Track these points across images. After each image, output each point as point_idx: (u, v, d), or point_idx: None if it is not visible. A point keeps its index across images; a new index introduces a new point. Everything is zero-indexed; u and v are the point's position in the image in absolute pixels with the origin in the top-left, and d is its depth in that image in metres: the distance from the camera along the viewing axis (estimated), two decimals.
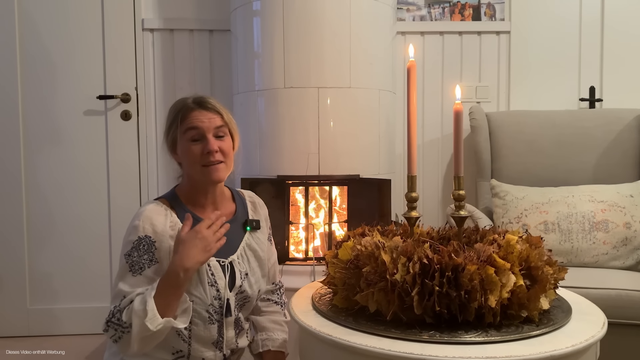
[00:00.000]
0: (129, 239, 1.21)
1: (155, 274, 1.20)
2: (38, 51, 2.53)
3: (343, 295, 1.14)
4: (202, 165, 1.27)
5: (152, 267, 1.20)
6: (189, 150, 1.27)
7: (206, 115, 1.28)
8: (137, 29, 2.58)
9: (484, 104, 2.70)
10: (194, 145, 1.27)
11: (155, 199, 1.32)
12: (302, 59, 2.12)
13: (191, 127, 1.27)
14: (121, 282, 1.19)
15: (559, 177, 2.35)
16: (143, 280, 1.19)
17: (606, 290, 1.76)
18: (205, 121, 1.27)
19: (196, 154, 1.26)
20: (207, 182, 1.30)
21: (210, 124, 1.27)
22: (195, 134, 1.27)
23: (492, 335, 0.98)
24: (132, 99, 2.59)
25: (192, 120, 1.27)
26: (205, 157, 1.26)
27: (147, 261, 1.20)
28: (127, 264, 1.20)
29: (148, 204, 1.27)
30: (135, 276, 1.19)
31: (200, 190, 1.32)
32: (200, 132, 1.27)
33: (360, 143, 2.19)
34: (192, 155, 1.27)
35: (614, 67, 2.72)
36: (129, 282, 1.18)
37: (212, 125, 1.28)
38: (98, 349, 2.35)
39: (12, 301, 2.58)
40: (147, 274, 1.19)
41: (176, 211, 1.28)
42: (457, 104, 1.19)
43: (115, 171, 2.61)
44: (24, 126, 2.55)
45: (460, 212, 1.19)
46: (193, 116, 1.27)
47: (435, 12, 2.71)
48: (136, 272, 1.19)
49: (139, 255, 1.20)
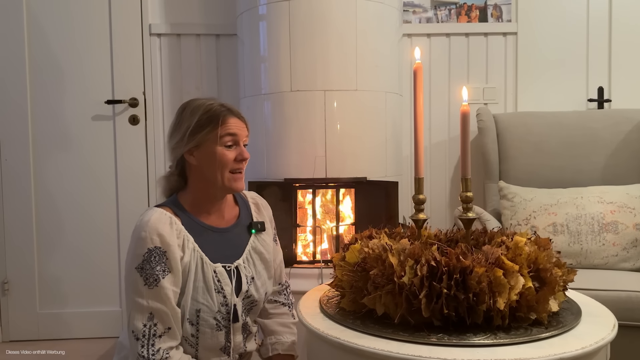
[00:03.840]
0: (138, 252, 1.18)
1: (170, 283, 1.18)
2: (46, 57, 2.56)
3: (351, 298, 1.14)
4: (230, 171, 1.28)
5: (166, 277, 1.18)
6: (223, 155, 1.26)
7: (239, 123, 1.30)
8: (145, 34, 2.60)
9: (491, 106, 2.69)
10: (228, 150, 1.27)
11: (157, 205, 1.29)
12: (308, 62, 2.12)
13: (230, 133, 1.27)
14: (138, 297, 1.17)
15: (567, 178, 2.33)
16: (160, 292, 1.17)
17: (616, 292, 1.74)
18: (241, 129, 1.30)
19: (230, 159, 1.27)
20: (228, 189, 1.30)
21: (242, 133, 1.30)
22: (231, 140, 1.28)
23: (501, 337, 0.97)
24: (140, 103, 2.61)
25: (231, 127, 1.27)
26: (236, 164, 1.28)
27: (161, 272, 1.17)
28: (141, 278, 1.16)
29: (151, 213, 1.23)
30: (152, 289, 1.16)
31: (209, 196, 1.31)
32: (236, 139, 1.28)
33: (367, 145, 2.19)
34: (225, 159, 1.27)
35: (623, 67, 2.70)
36: (146, 295, 1.16)
37: (244, 134, 1.31)
38: (107, 352, 2.36)
39: (22, 305, 2.60)
40: (164, 285, 1.17)
41: (180, 218, 1.26)
42: (464, 106, 1.19)
43: (123, 175, 2.62)
44: (33, 131, 2.57)
45: (468, 214, 1.19)
46: (232, 122, 1.28)
47: (441, 14, 2.70)
48: (152, 285, 1.16)
49: (152, 267, 1.17)
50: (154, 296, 1.16)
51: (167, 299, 1.17)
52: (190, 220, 1.28)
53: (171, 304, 1.18)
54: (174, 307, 1.19)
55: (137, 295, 1.17)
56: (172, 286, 1.18)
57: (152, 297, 1.16)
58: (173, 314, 1.19)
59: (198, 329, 1.24)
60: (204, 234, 1.29)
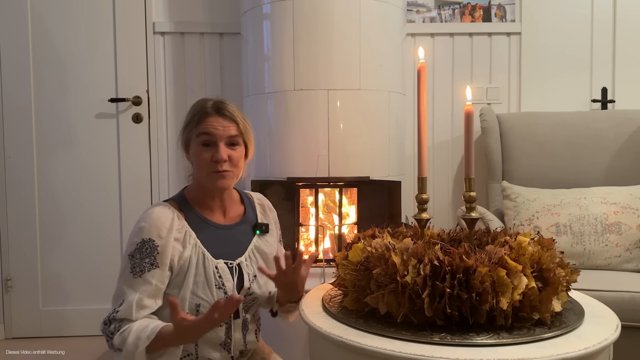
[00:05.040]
0: (134, 239, 1.21)
1: (154, 278, 1.19)
2: (50, 55, 2.56)
3: (353, 297, 1.14)
4: (209, 171, 1.27)
5: (151, 270, 1.19)
6: (199, 155, 1.27)
7: (222, 122, 1.27)
8: (148, 33, 2.61)
9: (495, 106, 2.68)
10: (204, 150, 1.27)
11: (165, 200, 1.32)
12: (312, 62, 2.12)
13: (204, 132, 1.26)
14: (123, 282, 1.20)
15: (570, 179, 2.33)
16: (141, 283, 1.18)
17: (619, 292, 1.74)
18: (219, 129, 1.27)
19: (205, 159, 1.26)
20: (212, 188, 1.30)
21: (224, 132, 1.27)
22: (206, 139, 1.26)
23: (504, 337, 0.97)
24: (144, 101, 2.61)
25: (206, 126, 1.26)
26: (213, 165, 1.26)
27: (148, 265, 1.19)
28: (129, 264, 1.20)
29: (156, 206, 1.26)
30: (135, 278, 1.19)
31: (208, 193, 1.32)
32: (212, 138, 1.26)
33: (370, 145, 2.19)
34: (201, 160, 1.27)
35: (627, 68, 2.70)
36: (129, 283, 1.19)
37: (226, 134, 1.27)
38: (109, 350, 2.36)
39: (24, 302, 2.60)
40: (147, 278, 1.19)
41: (184, 214, 1.28)
42: (468, 105, 1.18)
43: (126, 173, 2.63)
44: (36, 129, 2.57)
45: (471, 214, 1.19)
46: (208, 121, 1.27)
47: (445, 14, 2.70)
48: (136, 274, 1.19)
49: (141, 257, 1.19)
50: (135, 286, 1.18)
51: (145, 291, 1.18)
52: (194, 215, 1.29)
53: (148, 298, 1.19)
54: (151, 301, 1.19)
55: (122, 278, 1.21)
56: (156, 281, 1.20)
57: (133, 285, 1.18)
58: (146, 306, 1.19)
59: None
60: (207, 229, 1.29)
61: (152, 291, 1.19)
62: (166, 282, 1.22)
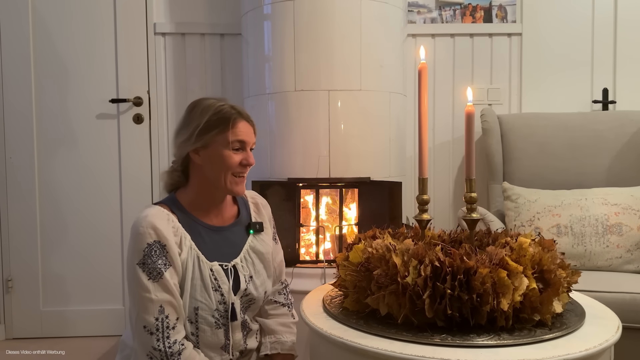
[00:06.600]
0: (138, 247, 1.19)
1: (172, 277, 1.19)
2: (51, 55, 2.56)
3: (354, 298, 1.14)
4: (233, 174, 1.29)
5: (167, 270, 1.19)
6: (229, 157, 1.27)
7: (250, 128, 1.32)
8: (149, 33, 2.61)
9: (496, 107, 2.68)
10: (235, 153, 1.29)
11: (154, 203, 1.30)
12: (313, 62, 2.12)
13: (239, 140, 1.29)
14: (145, 292, 1.17)
15: (571, 179, 2.33)
16: (164, 285, 1.18)
17: (620, 294, 1.74)
18: (250, 135, 1.31)
19: (235, 162, 1.28)
20: (229, 191, 1.31)
21: (251, 138, 1.32)
22: (240, 145, 1.29)
23: (505, 338, 0.97)
24: (144, 102, 2.61)
25: (241, 132, 1.29)
26: (240, 168, 1.29)
27: (163, 265, 1.18)
28: (144, 273, 1.17)
29: (149, 209, 1.25)
30: (157, 282, 1.17)
31: (210, 196, 1.32)
32: (244, 144, 1.30)
33: (370, 145, 2.19)
34: (230, 161, 1.27)
35: (628, 69, 2.70)
36: (153, 289, 1.17)
37: (252, 140, 1.33)
38: (110, 350, 2.37)
39: (25, 303, 2.60)
40: (166, 278, 1.18)
41: (177, 216, 1.27)
42: (469, 106, 1.18)
43: (127, 174, 2.63)
44: (37, 129, 2.58)
45: (472, 215, 1.19)
46: (241, 127, 1.29)
47: (446, 15, 2.70)
48: (156, 278, 1.17)
49: (153, 261, 1.18)
50: (161, 289, 1.18)
51: (173, 290, 1.19)
52: (187, 218, 1.29)
53: (177, 295, 1.20)
54: (179, 298, 1.21)
55: (143, 290, 1.17)
56: (173, 279, 1.20)
57: (158, 290, 1.17)
58: (180, 305, 1.21)
59: (197, 327, 1.25)
60: (201, 232, 1.29)
61: (175, 290, 1.19)
62: (179, 280, 1.22)
